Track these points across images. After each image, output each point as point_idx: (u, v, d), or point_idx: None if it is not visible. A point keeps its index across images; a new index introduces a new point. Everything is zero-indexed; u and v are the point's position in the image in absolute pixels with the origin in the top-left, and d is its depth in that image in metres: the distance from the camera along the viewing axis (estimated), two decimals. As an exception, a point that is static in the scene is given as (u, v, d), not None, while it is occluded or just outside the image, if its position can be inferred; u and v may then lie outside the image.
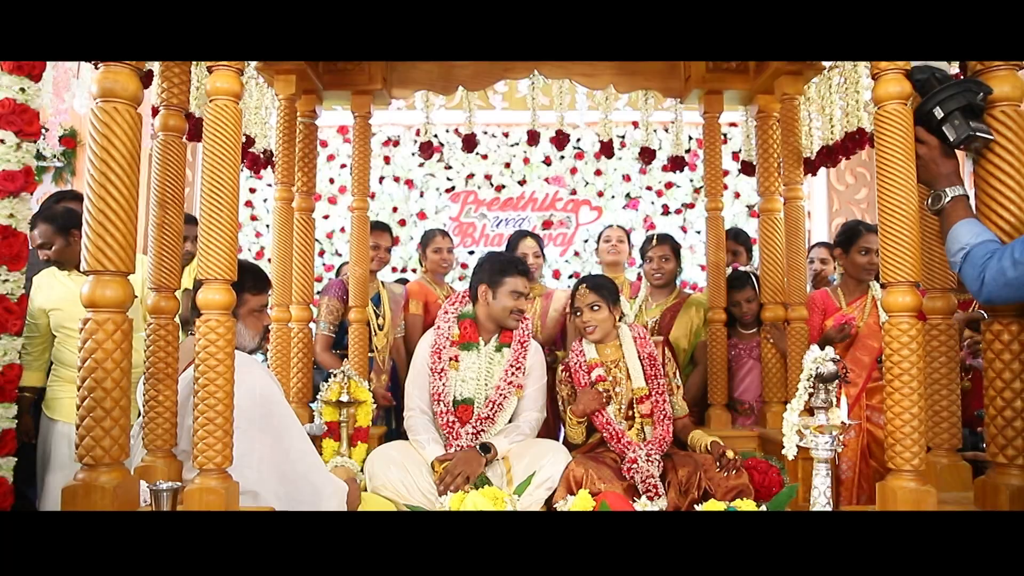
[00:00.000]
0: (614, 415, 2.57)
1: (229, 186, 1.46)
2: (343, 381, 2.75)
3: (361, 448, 2.72)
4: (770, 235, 2.92)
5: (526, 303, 2.65)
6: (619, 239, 3.59)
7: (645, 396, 2.59)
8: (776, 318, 2.92)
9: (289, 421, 1.84)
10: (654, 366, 2.63)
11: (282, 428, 1.80)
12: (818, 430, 1.40)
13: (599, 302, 2.61)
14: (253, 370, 1.82)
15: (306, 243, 2.93)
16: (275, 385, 1.86)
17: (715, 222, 3.05)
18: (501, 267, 2.62)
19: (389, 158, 5.46)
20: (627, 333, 2.70)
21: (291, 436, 1.82)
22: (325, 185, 5.40)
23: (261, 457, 1.70)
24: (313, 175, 3.01)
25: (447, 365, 2.58)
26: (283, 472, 1.74)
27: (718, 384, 2.97)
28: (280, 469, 1.74)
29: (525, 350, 2.62)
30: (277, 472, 1.73)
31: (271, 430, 1.77)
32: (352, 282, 3.02)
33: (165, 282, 1.73)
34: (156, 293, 1.72)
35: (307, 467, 1.81)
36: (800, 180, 2.84)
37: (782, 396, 2.89)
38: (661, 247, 3.34)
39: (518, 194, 5.43)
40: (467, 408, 2.54)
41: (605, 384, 2.60)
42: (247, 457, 1.64)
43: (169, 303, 1.70)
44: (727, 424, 2.93)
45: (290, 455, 1.77)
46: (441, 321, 2.68)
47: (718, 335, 3.00)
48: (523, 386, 2.61)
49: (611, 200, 5.37)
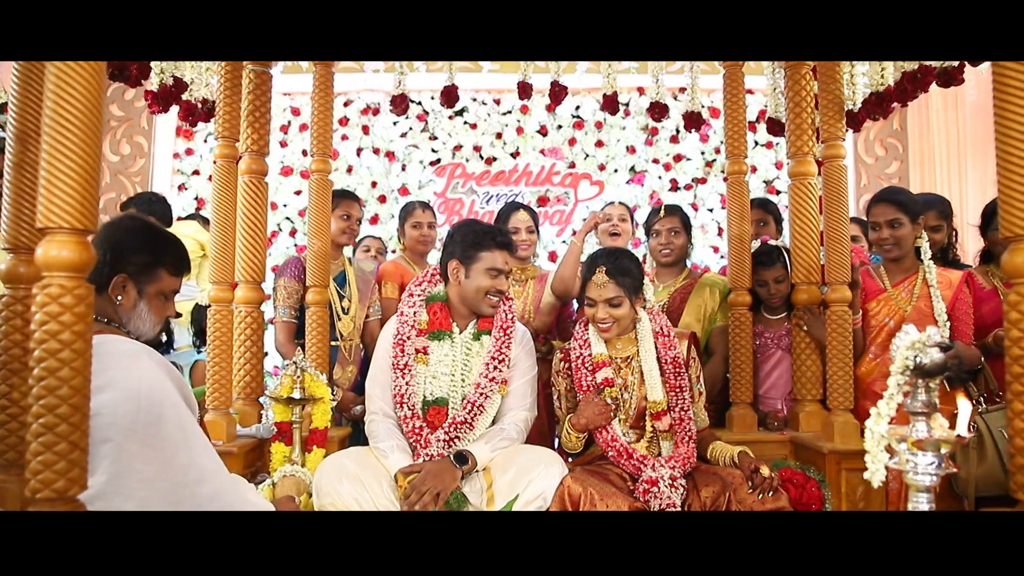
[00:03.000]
0: (619, 426, 2.17)
1: (80, 101, 1.06)
2: (295, 374, 2.37)
3: (317, 454, 2.36)
4: (803, 203, 2.54)
5: (507, 283, 2.25)
6: (621, 216, 3.20)
7: (663, 411, 2.19)
8: (811, 301, 2.54)
9: (187, 430, 1.44)
10: (678, 373, 2.22)
11: (177, 440, 1.41)
12: (916, 446, 1.01)
13: (620, 296, 2.17)
14: (140, 363, 1.42)
15: (256, 213, 2.53)
16: (169, 382, 1.45)
17: (738, 188, 2.66)
18: (475, 238, 2.22)
19: (368, 128, 5.07)
20: (646, 326, 2.27)
21: (190, 449, 1.43)
22: (298, 158, 5.00)
23: (145, 480, 1.31)
24: (265, 133, 2.61)
25: (412, 360, 2.19)
26: (179, 498, 1.34)
27: (742, 379, 2.59)
28: (175, 495, 1.34)
29: (509, 337, 2.24)
30: (170, 498, 1.33)
31: (159, 443, 1.38)
32: (310, 257, 2.62)
33: (24, 241, 1.33)
34: (12, 255, 1.32)
35: (215, 489, 1.41)
36: (841, 135, 2.45)
37: (817, 393, 2.52)
38: (670, 219, 2.94)
39: (510, 167, 5.04)
40: (440, 411, 2.15)
41: (612, 391, 2.19)
42: (122, 481, 1.26)
43: (28, 269, 1.30)
44: (752, 427, 2.55)
45: (188, 474, 1.38)
46: (405, 306, 2.29)
47: (742, 321, 2.61)
48: (508, 381, 2.22)
49: (613, 174, 4.99)
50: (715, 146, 4.95)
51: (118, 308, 1.55)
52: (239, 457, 2.23)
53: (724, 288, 2.82)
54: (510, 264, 2.26)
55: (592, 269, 2.21)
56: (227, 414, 2.34)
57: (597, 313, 2.19)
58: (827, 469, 2.21)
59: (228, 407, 2.36)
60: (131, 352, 1.41)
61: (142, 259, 1.55)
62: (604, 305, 2.18)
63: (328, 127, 2.68)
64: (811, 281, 2.54)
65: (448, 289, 2.28)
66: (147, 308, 1.58)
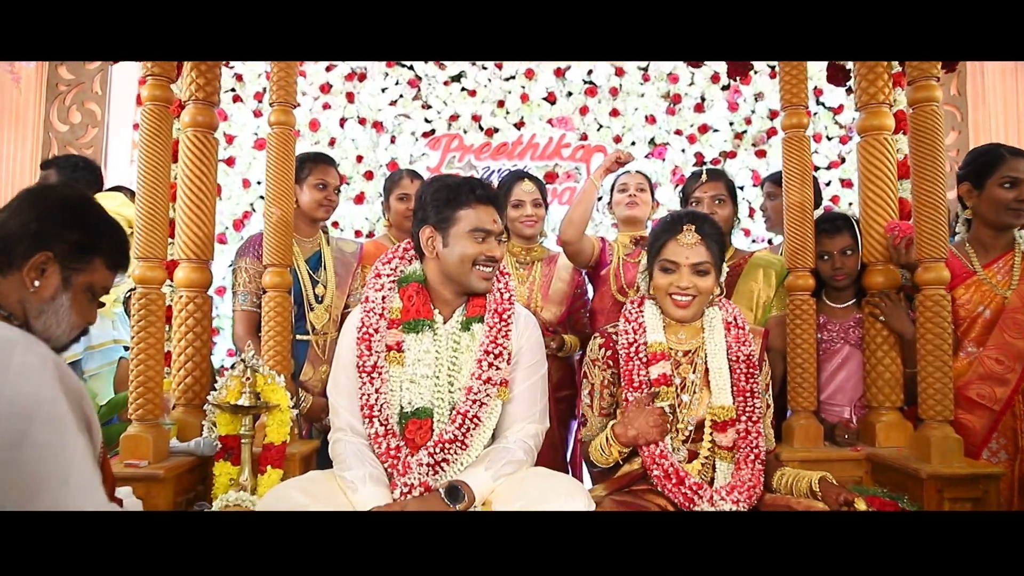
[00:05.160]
0: (671, 441, 1.75)
1: None
2: (244, 375, 1.94)
3: (272, 476, 1.97)
4: (877, 163, 2.13)
5: (500, 249, 1.80)
6: (639, 186, 2.76)
7: (730, 421, 1.79)
8: (888, 284, 2.12)
9: (64, 459, 1.08)
10: (750, 375, 1.84)
11: (44, 472, 1.04)
12: None
13: (709, 264, 1.82)
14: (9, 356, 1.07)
15: (202, 176, 2.10)
16: (51, 389, 1.07)
17: (798, 145, 2.21)
18: (448, 193, 1.78)
19: (353, 95, 4.63)
20: (716, 313, 1.90)
21: (61, 488, 1.05)
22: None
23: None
24: (215, 78, 2.18)
25: (382, 359, 1.75)
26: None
27: (804, 381, 2.15)
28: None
29: (507, 323, 1.80)
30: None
31: (22, 467, 1.02)
32: (267, 230, 2.18)
33: None
34: None
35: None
36: (936, 72, 2.00)
37: (897, 399, 2.11)
38: (714, 184, 2.51)
39: (514, 139, 4.58)
40: (422, 425, 1.72)
41: (668, 393, 1.77)
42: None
43: None
44: (818, 441, 2.12)
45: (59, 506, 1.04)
46: (371, 289, 1.84)
47: (804, 309, 2.17)
48: (509, 382, 1.79)
49: (631, 147, 4.53)
50: (745, 116, 4.49)
51: (29, 295, 1.21)
52: (167, 482, 1.79)
53: (781, 269, 2.37)
54: (499, 224, 1.81)
55: (675, 227, 1.84)
56: (155, 426, 1.90)
57: (679, 281, 1.81)
58: (925, 498, 1.78)
59: (157, 416, 1.92)
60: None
61: (76, 238, 1.26)
62: (689, 271, 1.80)
63: (292, 70, 2.23)
64: (887, 260, 2.11)
65: (425, 266, 1.84)
66: (69, 303, 1.25)
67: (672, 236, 1.83)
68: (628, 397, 1.83)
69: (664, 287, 1.83)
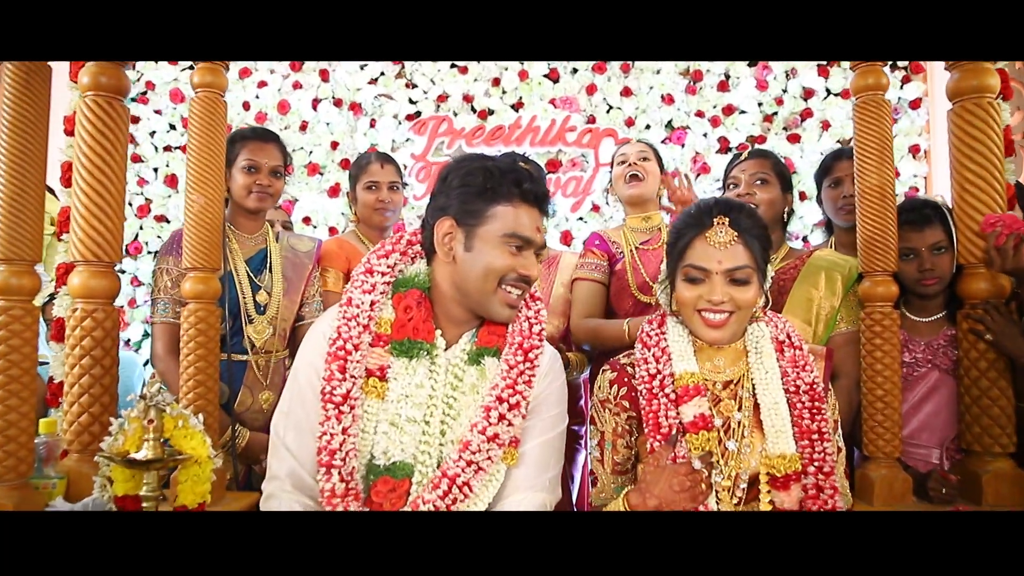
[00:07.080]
0: (715, 505, 1.32)
1: None
2: (147, 416, 1.51)
3: None
4: (975, 135, 1.71)
5: (537, 268, 1.43)
6: (641, 155, 2.34)
7: (794, 475, 1.38)
8: (995, 292, 1.70)
9: None
10: (817, 411, 1.43)
11: None
12: None
13: (750, 269, 1.40)
14: None
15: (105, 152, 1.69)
16: None
17: (875, 110, 1.76)
18: (487, 181, 1.38)
19: (327, 72, 4.23)
20: (763, 332, 1.48)
21: None
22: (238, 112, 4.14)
23: None
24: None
25: (358, 387, 1.37)
26: None
27: (886, 419, 1.70)
28: None
29: (534, 366, 1.42)
30: None
31: None
32: (188, 224, 1.73)
33: None
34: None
35: None
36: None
37: (1008, 443, 1.70)
38: (758, 163, 2.07)
39: (511, 122, 4.16)
40: (396, 486, 1.34)
41: (707, 439, 1.35)
42: None
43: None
44: (904, 497, 1.67)
45: None
46: (357, 290, 1.43)
47: (885, 325, 1.73)
48: (520, 441, 1.40)
49: (645, 131, 4.11)
50: (776, 95, 4.05)
51: None
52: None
53: (850, 273, 1.93)
54: (542, 235, 1.43)
55: (702, 220, 1.42)
56: (22, 487, 1.45)
57: (710, 293, 1.39)
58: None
59: (25, 474, 1.47)
60: None
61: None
62: (722, 280, 1.39)
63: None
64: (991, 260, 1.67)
65: (434, 270, 1.46)
66: None
67: (699, 233, 1.40)
68: (654, 447, 1.39)
69: (690, 301, 1.41)
